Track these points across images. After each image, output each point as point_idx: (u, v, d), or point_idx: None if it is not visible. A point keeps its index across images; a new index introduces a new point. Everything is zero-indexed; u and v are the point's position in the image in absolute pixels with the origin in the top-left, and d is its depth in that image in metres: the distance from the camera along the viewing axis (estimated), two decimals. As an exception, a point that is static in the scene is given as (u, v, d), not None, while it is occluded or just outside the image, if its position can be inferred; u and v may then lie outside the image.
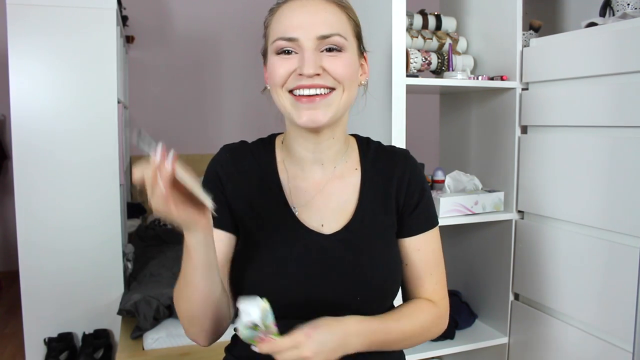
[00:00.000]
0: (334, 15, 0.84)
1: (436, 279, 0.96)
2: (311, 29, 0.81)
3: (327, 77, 0.83)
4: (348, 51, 0.85)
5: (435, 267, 0.96)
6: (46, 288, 2.31)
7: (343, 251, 0.88)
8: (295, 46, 0.82)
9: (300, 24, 0.82)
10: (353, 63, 0.86)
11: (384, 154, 0.98)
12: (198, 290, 0.80)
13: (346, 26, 0.86)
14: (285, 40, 0.82)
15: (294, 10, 0.84)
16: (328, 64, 0.82)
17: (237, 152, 0.95)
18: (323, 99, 0.83)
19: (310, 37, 0.81)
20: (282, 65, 0.83)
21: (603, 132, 1.40)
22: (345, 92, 0.85)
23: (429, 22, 1.79)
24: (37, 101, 2.27)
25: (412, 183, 0.95)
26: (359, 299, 0.87)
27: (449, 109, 2.01)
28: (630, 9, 1.47)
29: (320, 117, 0.83)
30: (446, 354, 1.71)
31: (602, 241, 1.38)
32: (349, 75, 0.85)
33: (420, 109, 2.53)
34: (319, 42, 0.82)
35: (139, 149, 0.66)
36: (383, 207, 0.93)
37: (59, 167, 2.30)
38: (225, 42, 4.17)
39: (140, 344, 2.04)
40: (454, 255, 1.97)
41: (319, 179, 0.93)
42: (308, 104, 0.83)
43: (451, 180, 1.69)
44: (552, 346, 1.57)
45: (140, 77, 3.97)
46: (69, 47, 2.28)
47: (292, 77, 0.83)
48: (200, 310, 0.83)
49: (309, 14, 0.83)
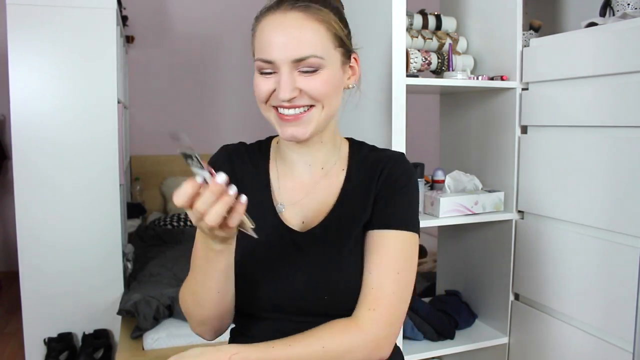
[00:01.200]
0: (311, 32, 0.84)
1: (376, 282, 0.85)
2: (286, 51, 0.82)
3: (304, 97, 0.85)
4: (326, 68, 0.85)
5: (378, 268, 0.85)
6: (46, 288, 2.31)
7: (314, 247, 0.90)
8: (273, 67, 0.84)
9: (277, 46, 0.83)
10: (332, 78, 0.87)
11: (375, 155, 0.97)
12: (217, 293, 0.84)
13: (324, 42, 0.85)
14: (264, 62, 0.85)
15: (272, 28, 0.85)
16: (304, 84, 0.84)
17: (235, 152, 0.99)
18: (303, 115, 0.86)
19: (285, 60, 0.83)
20: (264, 85, 0.86)
21: (603, 132, 1.40)
22: (325, 107, 0.87)
23: (429, 22, 1.78)
24: (37, 101, 2.27)
25: (390, 177, 0.91)
26: (327, 298, 0.87)
27: (449, 109, 2.01)
28: (630, 9, 1.47)
29: (301, 133, 0.86)
30: (446, 354, 1.70)
31: (602, 241, 1.38)
32: (327, 92, 0.86)
33: (420, 109, 2.53)
34: (294, 64, 0.83)
35: (178, 153, 0.66)
36: (363, 205, 0.91)
37: (59, 167, 2.30)
38: (225, 42, 4.17)
39: (140, 344, 2.04)
40: (454, 255, 1.97)
41: (307, 179, 0.95)
42: (290, 122, 0.86)
43: (451, 180, 1.69)
44: (552, 346, 1.56)
45: (140, 77, 3.97)
46: (69, 47, 2.28)
47: (274, 96, 0.86)
48: (214, 312, 0.87)
49: (286, 35, 0.83)
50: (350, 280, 0.88)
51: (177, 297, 2.14)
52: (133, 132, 3.82)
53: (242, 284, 0.88)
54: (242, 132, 4.23)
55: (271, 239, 0.91)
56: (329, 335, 0.81)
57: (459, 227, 1.84)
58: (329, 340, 0.81)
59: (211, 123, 4.21)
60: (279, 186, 0.96)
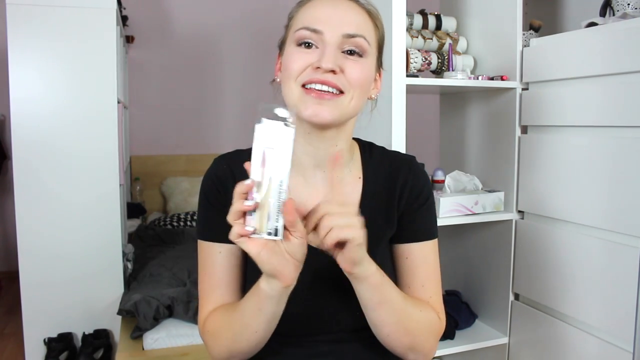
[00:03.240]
0: (363, 18, 0.83)
1: (430, 292, 0.92)
2: (338, 25, 0.80)
3: (342, 79, 0.80)
4: (368, 58, 0.83)
5: (427, 280, 0.92)
6: (46, 288, 2.31)
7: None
8: (318, 39, 0.80)
9: (328, 18, 0.80)
10: (370, 71, 0.85)
11: (388, 160, 0.95)
12: (256, 334, 0.80)
13: (372, 33, 0.85)
14: (310, 31, 0.80)
15: (323, 4, 0.82)
16: (347, 65, 0.80)
17: (233, 160, 0.91)
18: (332, 99, 0.80)
19: (335, 33, 0.79)
20: (300, 58, 0.81)
21: (603, 132, 1.40)
22: (355, 99, 0.82)
23: (429, 22, 1.78)
24: (37, 101, 2.27)
25: (414, 190, 0.92)
26: (358, 313, 0.85)
27: (449, 109, 2.01)
28: (630, 9, 1.47)
29: (325, 114, 0.80)
30: (446, 354, 1.70)
31: (603, 241, 1.38)
32: (364, 82, 0.83)
33: (420, 109, 2.53)
34: (342, 41, 0.80)
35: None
36: (384, 217, 0.91)
37: (59, 167, 2.30)
38: (225, 42, 4.17)
39: (140, 344, 2.04)
40: (454, 255, 1.97)
41: (321, 187, 0.89)
42: (316, 98, 0.80)
43: (451, 180, 1.69)
44: (552, 346, 1.56)
45: (140, 77, 3.97)
46: (69, 47, 2.28)
47: (307, 71, 0.80)
48: (250, 348, 0.83)
49: (338, 10, 0.81)
50: None
51: (177, 297, 2.15)
52: (133, 132, 3.82)
53: None
54: (242, 132, 4.23)
55: None
56: (423, 307, 0.88)
57: (459, 227, 1.84)
58: (424, 311, 0.88)
59: (211, 123, 4.20)
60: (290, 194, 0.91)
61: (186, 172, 4.03)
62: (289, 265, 0.71)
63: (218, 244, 0.88)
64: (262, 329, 0.79)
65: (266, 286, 0.73)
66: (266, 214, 0.67)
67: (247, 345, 0.82)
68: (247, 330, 0.80)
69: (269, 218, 0.67)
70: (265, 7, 3.90)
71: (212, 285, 0.88)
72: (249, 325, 0.79)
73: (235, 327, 0.81)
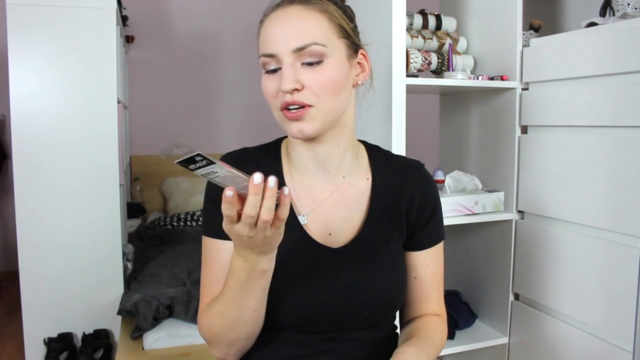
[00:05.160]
0: (311, 22, 0.81)
1: (440, 292, 0.97)
2: (285, 42, 0.80)
3: (305, 93, 0.81)
4: (330, 57, 0.82)
5: (440, 281, 0.97)
6: (46, 288, 2.31)
7: (350, 266, 0.88)
8: (276, 62, 0.82)
9: (277, 38, 0.81)
10: (338, 69, 0.83)
11: (396, 164, 0.96)
12: (255, 312, 0.81)
13: (326, 31, 0.82)
14: (266, 56, 0.82)
15: (273, 22, 0.83)
16: (307, 78, 0.80)
17: (240, 159, 0.92)
18: (305, 114, 0.81)
19: (286, 51, 0.80)
20: (270, 85, 0.83)
21: (603, 132, 1.40)
22: (328, 102, 0.82)
23: (429, 22, 1.78)
24: (37, 101, 2.27)
25: (424, 199, 0.94)
26: (366, 313, 0.87)
27: (449, 109, 2.01)
28: (630, 9, 1.47)
29: (306, 128, 0.82)
30: (446, 354, 1.71)
31: (603, 241, 1.38)
32: (332, 85, 0.82)
33: (420, 109, 2.53)
34: (296, 55, 0.80)
35: (178, 163, 0.61)
36: (392, 220, 0.92)
37: (59, 167, 2.30)
38: (225, 41, 4.17)
39: (140, 344, 2.04)
40: (454, 255, 1.97)
41: (326, 188, 0.91)
42: (293, 118, 0.82)
43: (451, 180, 1.69)
44: (552, 346, 1.56)
45: (140, 77, 3.97)
46: (69, 47, 2.28)
47: (279, 96, 0.82)
48: (247, 332, 0.83)
49: (285, 26, 0.81)
50: (391, 294, 0.90)
51: (177, 297, 2.14)
52: (133, 132, 3.82)
53: (269, 300, 0.84)
54: (242, 132, 4.24)
55: (299, 254, 0.87)
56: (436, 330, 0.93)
57: (459, 227, 1.84)
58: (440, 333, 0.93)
59: (211, 123, 4.20)
60: (296, 196, 0.91)
61: (186, 172, 3.99)
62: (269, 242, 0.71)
63: (222, 240, 0.88)
64: (258, 305, 0.80)
65: (268, 264, 0.75)
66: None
67: (244, 328, 0.82)
68: (245, 311, 0.80)
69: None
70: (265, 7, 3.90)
71: (213, 280, 0.88)
72: (250, 307, 0.80)
73: (233, 314, 0.81)
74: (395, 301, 0.91)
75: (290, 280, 0.85)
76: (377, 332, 0.92)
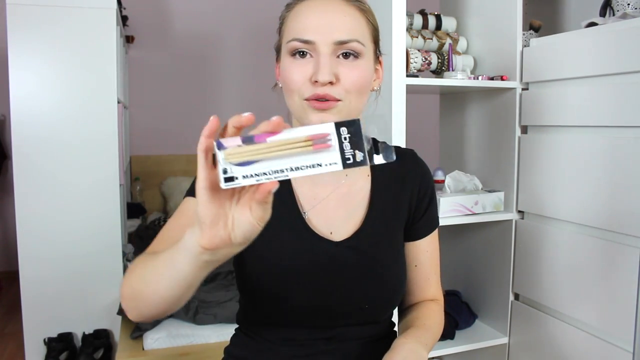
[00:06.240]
0: (353, 19, 0.81)
1: (438, 275, 1.00)
2: (329, 33, 0.78)
3: (338, 88, 0.79)
4: (364, 58, 0.82)
5: (437, 265, 1.00)
6: (46, 288, 2.31)
7: (352, 259, 0.88)
8: (311, 49, 0.79)
9: (318, 27, 0.79)
10: (368, 71, 0.84)
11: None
12: (167, 294, 0.67)
13: (365, 31, 0.83)
14: (301, 42, 0.79)
15: (311, 9, 0.80)
16: (343, 72, 0.79)
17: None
18: (333, 106, 0.80)
19: (327, 41, 0.78)
20: (297, 72, 0.80)
21: (603, 132, 1.40)
22: (354, 101, 0.82)
23: (429, 22, 1.79)
24: (37, 101, 2.27)
25: (422, 188, 0.95)
26: (367, 306, 0.88)
27: (449, 109, 2.01)
28: (630, 9, 1.47)
29: (330, 120, 0.79)
30: (446, 354, 1.71)
31: (602, 241, 1.38)
32: (361, 84, 0.82)
33: (420, 109, 2.53)
34: (335, 47, 0.79)
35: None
36: (393, 212, 0.93)
37: (59, 167, 2.30)
38: (225, 41, 4.17)
39: (140, 344, 2.04)
40: (454, 255, 1.97)
41: (329, 184, 0.91)
42: (320, 108, 0.79)
43: (451, 180, 1.69)
44: (552, 346, 1.56)
45: (140, 77, 3.97)
46: (69, 47, 2.28)
47: (307, 85, 0.79)
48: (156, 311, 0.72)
49: (328, 17, 0.79)
50: (392, 288, 0.90)
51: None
52: (133, 132, 3.82)
53: (270, 294, 0.85)
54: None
55: (299, 249, 0.87)
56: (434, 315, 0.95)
57: (459, 227, 1.84)
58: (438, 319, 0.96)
59: (211, 123, 4.20)
60: (299, 191, 0.91)
61: (186, 172, 4.03)
62: (219, 229, 0.56)
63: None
64: (164, 287, 0.65)
65: (187, 235, 0.60)
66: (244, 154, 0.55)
67: (149, 298, 0.69)
68: (152, 280, 0.68)
69: (243, 163, 0.54)
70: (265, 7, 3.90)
71: (170, 237, 0.79)
72: (155, 274, 0.67)
73: (146, 272, 0.70)
74: (395, 295, 0.91)
75: (292, 274, 0.86)
76: (376, 329, 0.92)
